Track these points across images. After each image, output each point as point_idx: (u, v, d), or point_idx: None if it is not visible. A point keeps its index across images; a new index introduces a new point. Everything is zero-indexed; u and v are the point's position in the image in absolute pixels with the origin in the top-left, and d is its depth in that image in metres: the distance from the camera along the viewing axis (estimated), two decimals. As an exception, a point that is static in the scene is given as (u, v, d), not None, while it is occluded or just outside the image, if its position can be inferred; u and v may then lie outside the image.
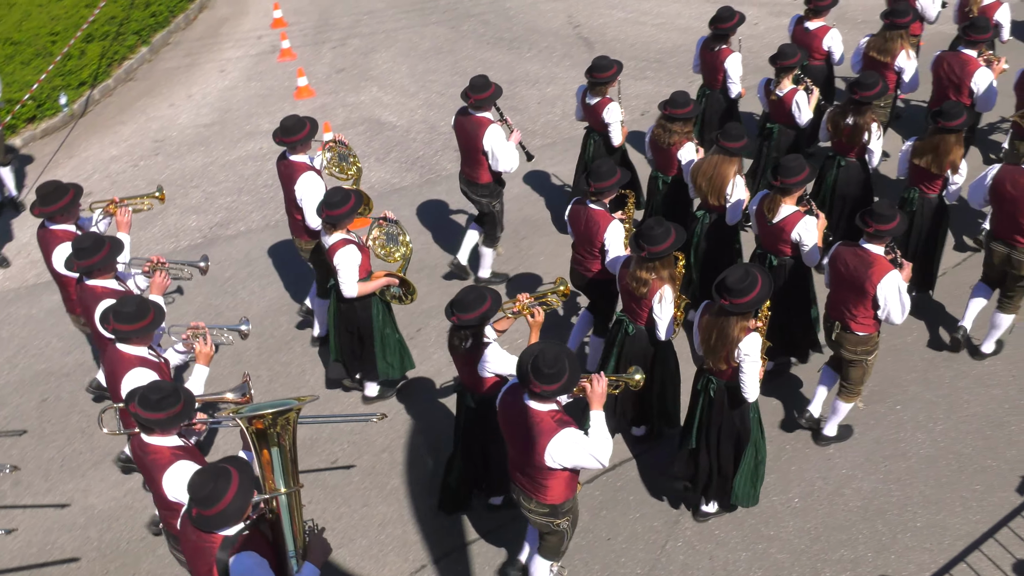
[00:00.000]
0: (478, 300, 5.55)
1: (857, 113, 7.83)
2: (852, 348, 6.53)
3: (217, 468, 4.20)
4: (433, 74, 13.26)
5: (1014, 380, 7.45)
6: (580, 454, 4.93)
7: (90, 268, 6.01)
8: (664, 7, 14.79)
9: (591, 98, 8.46)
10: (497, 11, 15.29)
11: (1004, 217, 7.08)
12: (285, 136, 7.29)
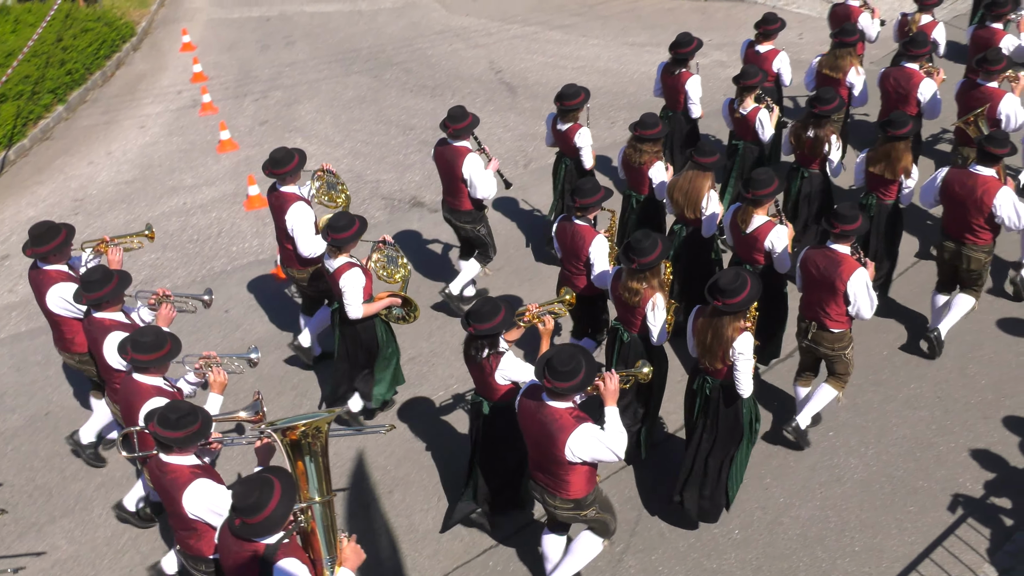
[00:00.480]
0: (493, 311, 5.81)
1: (817, 126, 8.31)
2: (829, 345, 6.88)
3: (260, 477, 4.36)
4: (357, 123, 13.27)
5: (939, 402, 7.64)
6: (598, 447, 5.21)
7: (99, 301, 6.09)
8: (583, 51, 15.06)
9: (562, 124, 8.76)
10: (419, 59, 15.40)
11: (954, 216, 7.61)
12: (275, 168, 7.44)
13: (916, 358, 8.09)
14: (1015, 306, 8.59)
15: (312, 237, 7.51)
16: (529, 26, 16.47)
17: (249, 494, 4.29)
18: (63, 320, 6.75)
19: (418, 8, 18.09)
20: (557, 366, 5.15)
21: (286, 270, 8.07)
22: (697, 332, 6.15)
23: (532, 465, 5.68)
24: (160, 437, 4.86)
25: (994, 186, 7.35)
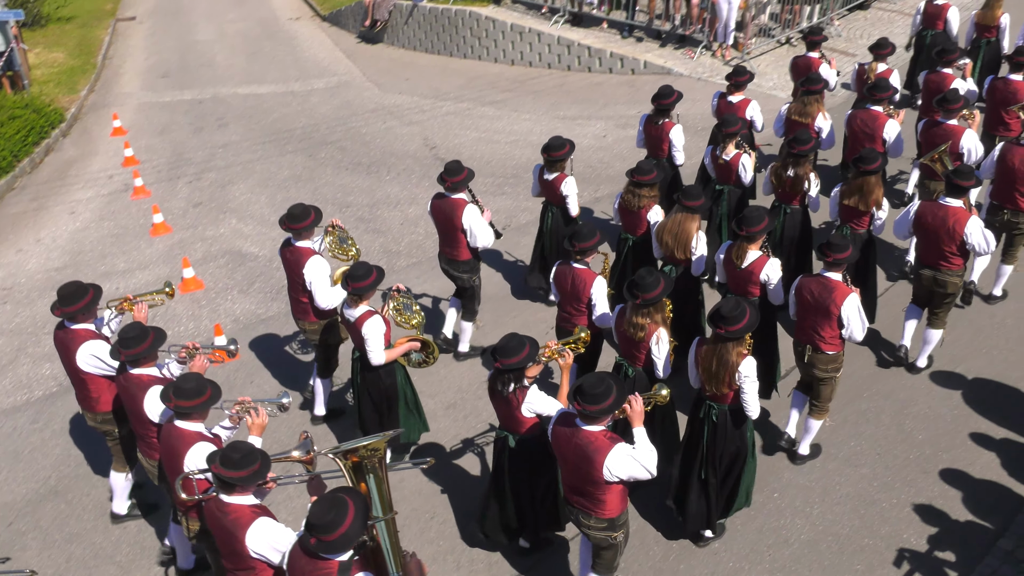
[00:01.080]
0: (519, 346, 6.04)
1: (796, 165, 8.86)
2: (823, 367, 7.32)
3: (334, 497, 4.59)
4: (293, 202, 13.12)
5: (879, 458, 7.74)
6: (633, 465, 5.50)
7: (137, 357, 6.20)
8: (516, 125, 15.32)
9: (548, 175, 9.24)
10: (353, 137, 15.50)
11: (928, 245, 8.19)
12: (292, 223, 7.72)
13: (855, 414, 8.22)
14: (946, 360, 8.80)
15: (329, 289, 7.77)
16: (462, 102, 16.73)
17: (326, 513, 4.50)
18: (90, 378, 6.84)
19: (351, 88, 18.29)
20: (588, 390, 5.43)
21: (298, 323, 8.27)
22: (702, 360, 6.45)
23: (568, 489, 5.92)
24: (224, 477, 5.00)
25: (964, 216, 7.93)
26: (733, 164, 9.46)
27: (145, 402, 6.16)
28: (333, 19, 22.66)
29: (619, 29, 17.63)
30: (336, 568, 4.55)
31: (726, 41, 16.26)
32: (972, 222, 7.89)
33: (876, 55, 11.31)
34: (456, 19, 19.11)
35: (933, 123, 9.62)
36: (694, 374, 6.63)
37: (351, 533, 4.51)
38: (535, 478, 6.53)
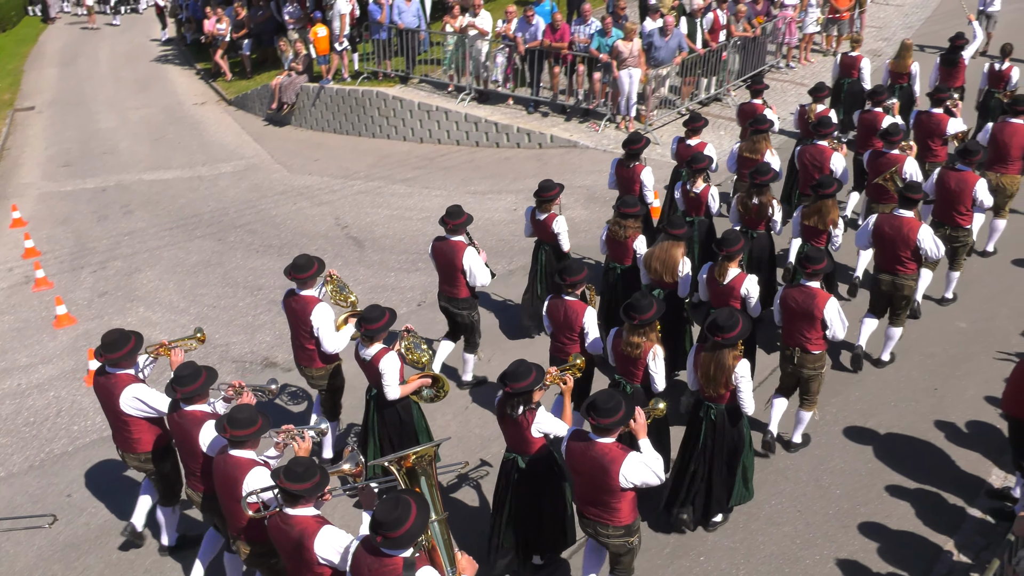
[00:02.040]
0: (527, 372, 6.47)
1: (760, 194, 9.84)
2: (811, 365, 8.20)
3: (398, 497, 4.95)
4: (203, 288, 13.02)
5: (800, 515, 7.84)
6: (645, 471, 5.98)
7: (192, 394, 6.57)
8: (427, 202, 15.39)
9: (540, 215, 9.94)
10: (263, 220, 15.38)
11: (886, 253, 9.31)
12: (297, 273, 8.09)
13: (774, 473, 8.33)
14: (857, 415, 9.02)
15: (335, 334, 8.16)
16: (372, 181, 16.78)
17: (392, 511, 4.86)
18: (132, 421, 7.15)
19: (259, 170, 18.19)
20: (601, 405, 5.96)
21: (304, 371, 8.55)
22: (700, 366, 7.19)
23: (582, 502, 6.33)
24: (290, 490, 5.41)
25: (916, 225, 9.06)
26: (702, 196, 10.38)
27: (200, 436, 6.52)
28: (239, 103, 22.61)
29: (524, 105, 17.99)
30: (401, 564, 4.90)
31: (629, 114, 16.71)
32: (923, 230, 9.01)
33: (815, 97, 12.59)
34: (364, 99, 19.26)
35: (878, 153, 10.92)
36: (693, 378, 7.41)
37: (414, 530, 4.89)
38: (543, 497, 6.88)
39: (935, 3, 23.36)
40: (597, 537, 6.34)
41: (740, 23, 17.62)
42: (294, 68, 20.35)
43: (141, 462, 7.38)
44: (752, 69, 18.33)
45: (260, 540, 6.13)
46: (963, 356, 9.91)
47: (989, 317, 10.56)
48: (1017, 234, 12.32)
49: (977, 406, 9.11)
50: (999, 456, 8.39)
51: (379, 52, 19.42)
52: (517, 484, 6.85)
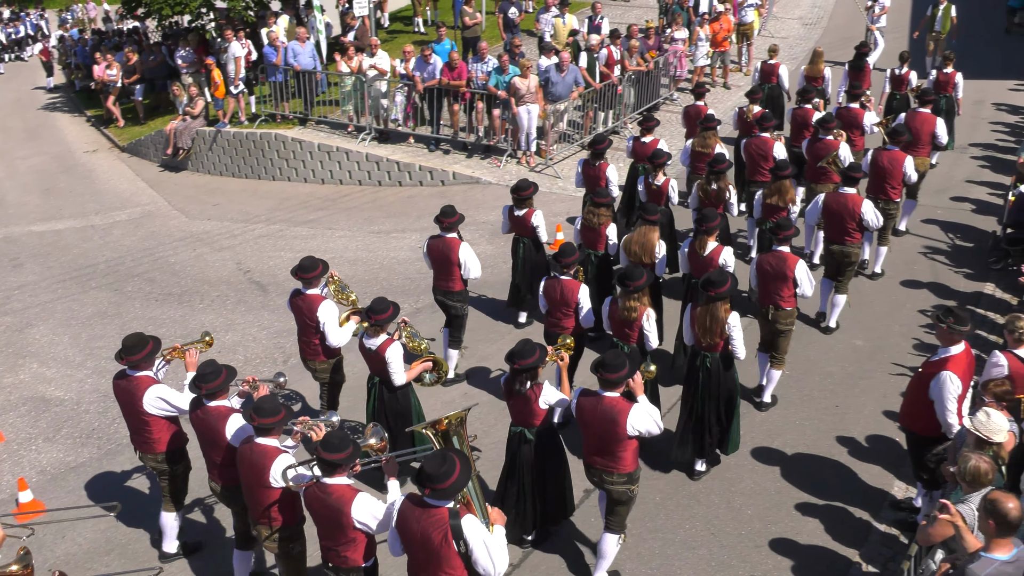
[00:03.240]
0: (532, 350, 7.21)
1: (718, 180, 11.16)
2: (784, 321, 9.33)
3: (444, 454, 5.56)
4: (100, 340, 12.59)
5: (713, 538, 7.95)
6: (648, 420, 6.77)
7: (214, 390, 6.96)
8: (331, 243, 15.26)
9: (518, 211, 10.83)
10: (162, 268, 15.00)
11: (834, 226, 10.65)
12: (304, 273, 8.74)
13: (686, 497, 8.44)
14: (764, 436, 9.21)
15: (339, 329, 8.80)
16: (273, 224, 16.56)
17: (440, 465, 5.44)
18: (153, 421, 7.47)
19: (156, 217, 17.77)
20: (609, 362, 6.80)
21: (309, 364, 9.19)
22: (696, 320, 8.23)
23: (590, 454, 7.06)
24: (329, 460, 5.89)
25: (859, 200, 10.48)
26: (663, 188, 11.51)
27: (227, 428, 6.91)
28: (133, 149, 22.10)
29: (426, 143, 18.04)
30: (447, 514, 5.48)
31: (529, 149, 16.91)
32: (866, 203, 10.44)
33: (751, 99, 14.06)
34: (262, 142, 19.04)
35: (816, 139, 12.41)
36: (689, 334, 8.41)
37: (459, 482, 5.46)
38: (548, 466, 7.54)
39: (824, 22, 24.32)
40: (602, 484, 7.06)
41: (633, 58, 18.04)
42: (189, 112, 20.01)
43: (158, 462, 7.70)
44: (647, 102, 18.76)
45: (284, 524, 6.57)
46: (860, 373, 10.24)
47: (883, 335, 10.95)
48: (904, 254, 12.88)
49: (876, 421, 9.41)
50: (900, 468, 8.67)
51: (276, 94, 19.25)
52: (525, 456, 7.50)
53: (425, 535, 5.51)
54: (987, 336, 10.67)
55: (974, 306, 11.39)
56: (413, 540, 5.61)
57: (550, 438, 7.52)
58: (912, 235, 13.40)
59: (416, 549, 5.63)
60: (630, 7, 25.79)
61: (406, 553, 5.78)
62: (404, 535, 5.67)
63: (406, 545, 5.71)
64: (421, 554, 5.62)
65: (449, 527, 5.44)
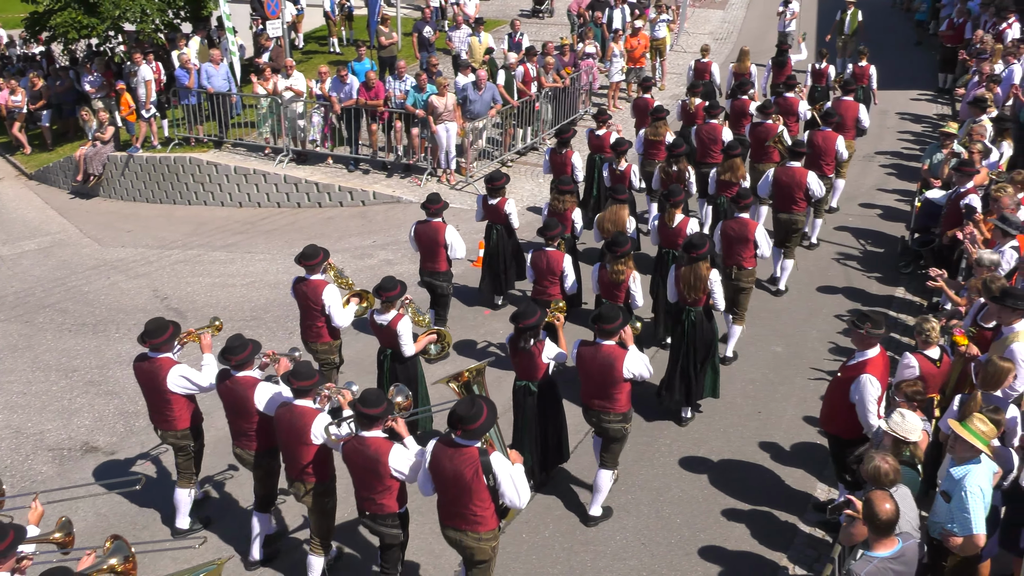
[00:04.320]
0: (533, 311, 8.07)
1: (677, 162, 12.39)
2: (745, 280, 10.50)
3: (472, 399, 6.35)
4: (10, 374, 12.14)
5: (644, 548, 8.01)
6: (640, 365, 7.73)
7: (242, 362, 7.53)
8: (250, 267, 15.02)
9: (492, 200, 11.71)
10: (74, 297, 14.57)
11: (782, 197, 11.99)
12: (307, 260, 9.28)
13: (616, 509, 8.48)
14: (691, 444, 9.34)
15: (343, 310, 9.39)
16: (190, 249, 16.24)
17: (469, 408, 6.18)
18: (174, 399, 7.93)
19: (67, 246, 17.27)
20: (605, 314, 7.77)
21: (311, 346, 9.68)
22: (681, 279, 9.25)
23: (588, 397, 7.99)
24: (368, 414, 6.51)
25: (804, 172, 11.84)
26: (627, 173, 12.66)
27: (256, 396, 7.46)
28: (41, 177, 21.47)
29: (345, 163, 17.91)
30: (477, 452, 6.17)
31: (449, 167, 16.92)
32: (811, 176, 11.83)
33: (692, 93, 15.48)
34: (176, 166, 18.68)
35: (757, 125, 13.97)
36: (674, 291, 9.43)
37: (487, 423, 6.19)
38: (549, 413, 8.46)
39: (735, 36, 24.86)
40: (600, 424, 7.99)
41: (550, 74, 18.21)
42: (99, 138, 19.51)
43: (179, 439, 8.13)
44: (565, 118, 18.94)
45: (319, 480, 7.21)
46: (780, 379, 10.46)
47: (800, 341, 11.21)
48: (818, 261, 13.23)
49: (797, 425, 9.61)
50: (822, 471, 8.87)
51: (190, 117, 18.92)
52: (529, 405, 8.36)
53: (457, 472, 6.18)
54: (899, 338, 11.00)
55: (886, 309, 11.74)
56: (446, 478, 6.25)
57: (551, 390, 8.45)
58: (825, 242, 13.76)
59: (449, 486, 6.28)
60: (545, 24, 26.05)
61: (437, 492, 6.42)
62: (436, 474, 6.31)
63: (438, 484, 6.35)
64: (453, 490, 6.28)
65: (479, 463, 6.15)
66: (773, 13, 23.33)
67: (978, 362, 7.69)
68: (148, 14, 20.32)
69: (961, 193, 11.06)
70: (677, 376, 9.46)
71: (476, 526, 6.36)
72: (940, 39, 21.92)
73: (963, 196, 10.99)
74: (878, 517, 5.43)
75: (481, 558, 6.53)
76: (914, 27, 25.31)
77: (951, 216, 11.12)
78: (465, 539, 6.44)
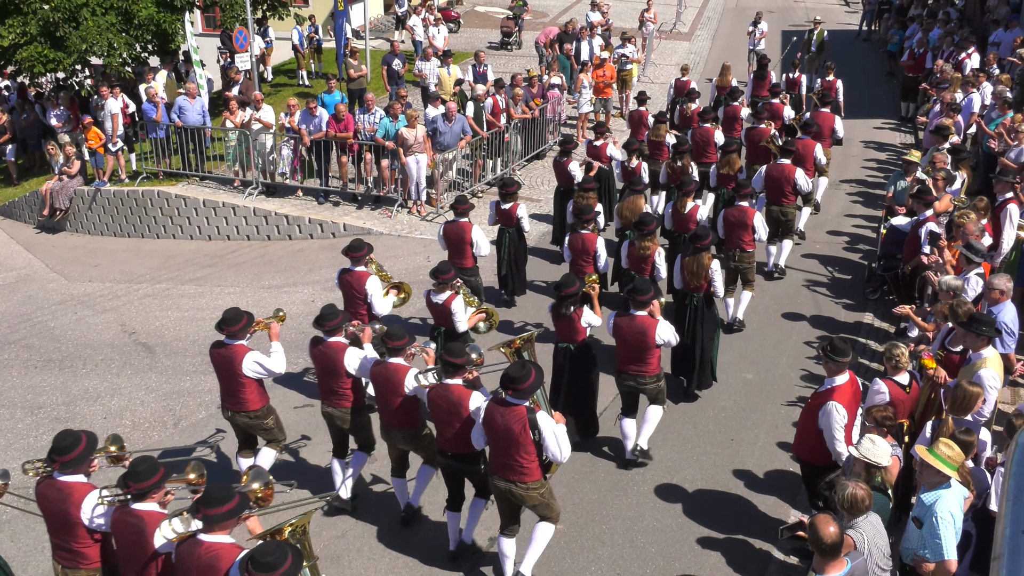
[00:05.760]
0: (573, 281, 9.24)
1: (681, 159, 14.05)
2: (747, 262, 11.83)
3: (523, 362, 7.34)
4: (-25, 413, 11.96)
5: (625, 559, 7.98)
6: (670, 332, 8.87)
7: (333, 328, 8.49)
8: (220, 300, 14.87)
9: (504, 205, 12.64)
10: (40, 333, 14.38)
11: (773, 190, 13.31)
12: (353, 252, 10.23)
13: (591, 539, 8.46)
14: (664, 472, 9.34)
15: (383, 300, 10.30)
16: (159, 283, 16.10)
17: (520, 370, 7.04)
18: (248, 383, 8.55)
19: (33, 281, 17.06)
20: (639, 287, 8.82)
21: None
22: (685, 267, 10.30)
23: (624, 362, 9.04)
24: (454, 363, 7.47)
25: (793, 169, 13.19)
26: (637, 170, 13.94)
27: (345, 360, 8.39)
28: (6, 211, 21.24)
29: (315, 196, 17.87)
30: (525, 410, 7.00)
31: (420, 198, 16.94)
32: (798, 171, 13.15)
33: (689, 100, 17.57)
34: (144, 200, 18.57)
35: (751, 128, 15.60)
36: (679, 278, 10.45)
37: (535, 384, 7.04)
38: (586, 374, 9.51)
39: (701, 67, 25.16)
40: (637, 386, 9.04)
41: (519, 106, 18.33)
42: (66, 172, 19.35)
43: (251, 419, 8.78)
44: (535, 148, 19.06)
45: (412, 426, 8.20)
46: (751, 407, 10.51)
47: (771, 368, 11.28)
48: (788, 289, 13.35)
49: (770, 452, 9.65)
50: (795, 498, 8.90)
51: (157, 151, 18.84)
52: (570, 364, 9.44)
53: (507, 427, 7.00)
54: (868, 364, 11.09)
55: (855, 335, 11.85)
56: (497, 431, 7.09)
57: (587, 351, 9.49)
58: (792, 269, 13.90)
59: (499, 438, 7.11)
60: (513, 56, 26.31)
61: (489, 444, 7.29)
62: (489, 428, 7.18)
63: (490, 437, 7.22)
64: (503, 443, 7.10)
65: (527, 420, 6.95)
66: (737, 45, 23.73)
67: (947, 387, 7.77)
68: (115, 48, 20.21)
69: (921, 221, 11.23)
70: (679, 356, 10.50)
71: (523, 476, 7.15)
72: (902, 68, 22.35)
73: (923, 224, 11.15)
74: (823, 541, 5.54)
75: (533, 503, 7.32)
76: (886, 59, 25.76)
77: (912, 243, 11.28)
78: (514, 488, 7.22)
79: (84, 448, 6.52)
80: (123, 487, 6.27)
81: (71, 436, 6.56)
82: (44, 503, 6.62)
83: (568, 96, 21.04)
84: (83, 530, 6.48)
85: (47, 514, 6.66)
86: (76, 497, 6.43)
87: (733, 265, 11.75)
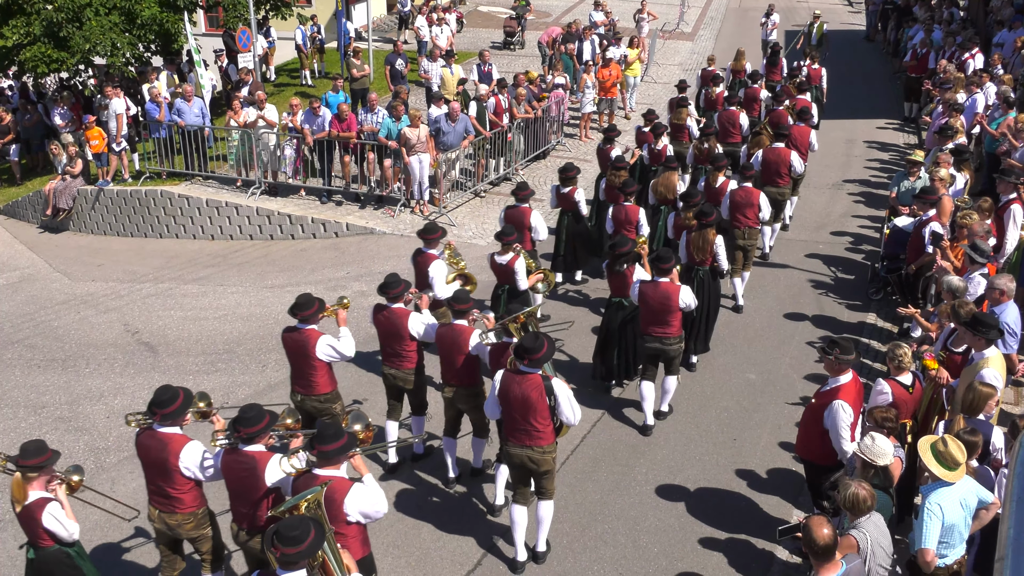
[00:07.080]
0: (626, 241, 10.19)
1: (707, 140, 14.87)
2: (752, 239, 12.47)
3: (537, 333, 7.85)
4: (-22, 413, 11.98)
5: None
6: (691, 296, 9.65)
7: (396, 296, 9.08)
8: (223, 300, 14.92)
9: (564, 189, 13.31)
10: (44, 332, 14.40)
11: (768, 172, 13.88)
12: (427, 234, 10.68)
13: (593, 539, 8.45)
14: (666, 472, 9.33)
15: (445, 285, 10.47)
16: (162, 283, 16.12)
17: (534, 341, 7.44)
18: (320, 366, 8.77)
19: (36, 281, 17.08)
20: (663, 255, 9.52)
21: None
22: (691, 242, 10.98)
23: (648, 325, 9.77)
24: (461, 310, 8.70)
25: (787, 152, 13.85)
26: (663, 151, 14.76)
27: (409, 324, 8.98)
28: (9, 211, 21.28)
29: (318, 195, 17.88)
30: (540, 378, 7.45)
31: (422, 198, 16.94)
32: (793, 154, 13.83)
33: (713, 85, 18.84)
34: (147, 200, 18.58)
35: (771, 109, 16.38)
36: (684, 252, 11.08)
37: (549, 353, 7.48)
38: (632, 324, 10.29)
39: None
40: (660, 345, 9.76)
41: (521, 105, 18.33)
42: (69, 172, 19.39)
43: (321, 403, 8.93)
44: (537, 148, 19.05)
45: (472, 383, 8.81)
46: (754, 407, 10.50)
47: (773, 368, 11.27)
48: (790, 288, 13.33)
49: (772, 452, 9.64)
50: (797, 498, 8.89)
51: (161, 151, 18.86)
52: (621, 316, 10.38)
53: (525, 394, 7.46)
54: (871, 364, 11.09)
55: (858, 335, 11.84)
56: (515, 400, 7.52)
57: (635, 307, 10.16)
58: (796, 269, 13.89)
59: (517, 406, 7.53)
60: (516, 56, 26.32)
61: (503, 414, 7.69)
62: (505, 398, 7.58)
63: (505, 406, 7.61)
64: (521, 409, 7.52)
65: (543, 387, 7.45)
66: (740, 45, 23.63)
67: (950, 388, 7.76)
68: (119, 48, 20.25)
69: (924, 221, 11.21)
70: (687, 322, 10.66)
71: (539, 440, 7.57)
72: (905, 69, 22.33)
73: (925, 224, 11.14)
74: (816, 543, 5.56)
75: (546, 468, 7.68)
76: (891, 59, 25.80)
77: (915, 244, 11.27)
78: (531, 453, 7.61)
79: (182, 403, 7.06)
80: (233, 431, 6.75)
81: (170, 391, 7.06)
82: (144, 452, 7.14)
83: (571, 96, 21.04)
84: (180, 476, 7.01)
85: (146, 462, 7.19)
86: (174, 447, 6.95)
87: (740, 243, 12.32)
